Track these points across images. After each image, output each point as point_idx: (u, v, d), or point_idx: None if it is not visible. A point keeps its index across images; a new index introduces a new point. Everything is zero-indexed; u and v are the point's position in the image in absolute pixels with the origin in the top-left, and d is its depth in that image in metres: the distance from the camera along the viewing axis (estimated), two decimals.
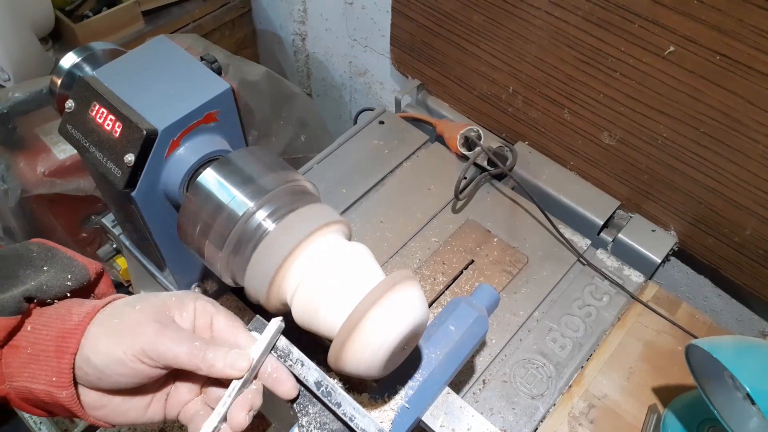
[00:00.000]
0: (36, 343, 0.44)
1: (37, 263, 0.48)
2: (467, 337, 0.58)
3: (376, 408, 0.53)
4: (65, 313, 0.46)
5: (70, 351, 0.44)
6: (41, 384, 0.44)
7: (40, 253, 0.49)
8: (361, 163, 0.96)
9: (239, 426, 0.46)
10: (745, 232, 0.78)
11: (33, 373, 0.44)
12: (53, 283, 0.47)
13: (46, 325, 0.45)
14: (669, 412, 0.69)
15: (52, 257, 0.49)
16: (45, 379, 0.44)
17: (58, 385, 0.44)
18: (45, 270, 0.48)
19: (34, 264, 0.48)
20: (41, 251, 0.49)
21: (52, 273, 0.48)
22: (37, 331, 0.45)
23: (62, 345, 0.44)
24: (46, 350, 0.44)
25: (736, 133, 0.71)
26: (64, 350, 0.44)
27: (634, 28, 0.73)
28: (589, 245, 0.87)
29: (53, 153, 1.12)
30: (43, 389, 0.44)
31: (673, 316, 0.80)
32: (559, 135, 0.92)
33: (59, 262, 0.49)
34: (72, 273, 0.48)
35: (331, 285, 0.47)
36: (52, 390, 0.44)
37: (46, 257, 0.49)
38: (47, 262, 0.48)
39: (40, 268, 0.48)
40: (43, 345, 0.44)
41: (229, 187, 0.50)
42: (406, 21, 1.02)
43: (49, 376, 0.44)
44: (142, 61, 0.60)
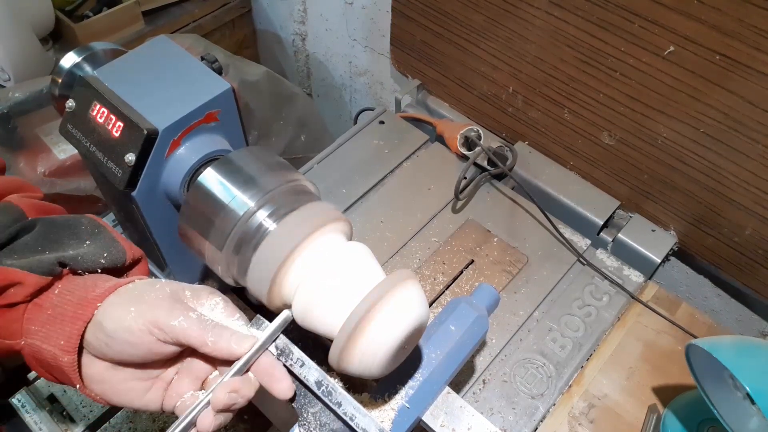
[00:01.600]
0: (57, 306, 0.47)
1: (82, 236, 0.51)
2: (467, 337, 0.58)
3: (377, 408, 0.54)
4: (91, 284, 0.48)
5: (83, 318, 0.45)
6: (50, 346, 0.46)
7: (87, 227, 0.52)
8: (361, 163, 0.96)
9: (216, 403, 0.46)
10: (745, 232, 0.78)
11: (47, 334, 0.46)
12: (89, 256, 0.49)
13: (71, 292, 0.47)
14: (669, 412, 0.69)
15: (98, 233, 0.51)
16: (55, 342, 0.45)
17: (64, 348, 0.45)
18: (87, 243, 0.50)
19: (79, 236, 0.51)
20: (90, 226, 0.52)
21: (91, 247, 0.50)
22: (62, 296, 0.47)
23: (79, 312, 0.46)
24: (64, 314, 0.46)
25: (736, 133, 0.71)
26: (79, 316, 0.45)
27: (634, 28, 0.73)
28: (589, 245, 0.87)
29: (53, 153, 1.12)
30: (51, 351, 0.46)
31: (673, 316, 0.80)
32: (559, 135, 0.92)
33: (102, 239, 0.51)
34: (109, 252, 0.51)
35: (331, 285, 0.47)
36: (57, 353, 0.45)
37: (92, 233, 0.51)
38: (91, 237, 0.51)
39: (83, 241, 0.50)
40: (63, 309, 0.46)
41: (229, 186, 0.50)
42: (406, 21, 1.02)
43: (59, 339, 0.45)
44: (143, 61, 0.60)
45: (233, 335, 0.47)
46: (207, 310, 0.49)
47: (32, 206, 0.53)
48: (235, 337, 0.47)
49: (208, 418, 0.46)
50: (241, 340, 0.47)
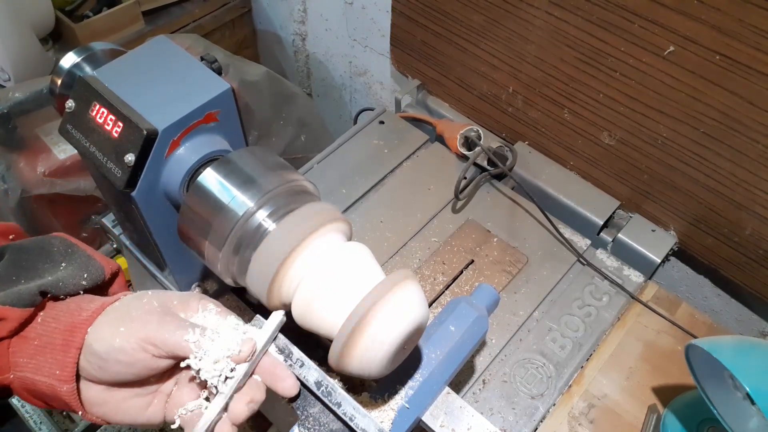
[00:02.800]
0: (44, 336, 0.45)
1: (56, 258, 0.49)
2: (467, 337, 0.58)
3: (376, 408, 0.54)
4: (75, 308, 0.47)
5: (75, 345, 0.44)
6: (44, 376, 0.45)
7: (60, 249, 0.50)
8: (361, 163, 0.96)
9: (238, 417, 0.46)
10: (745, 232, 0.78)
11: (38, 365, 0.45)
12: (69, 280, 0.48)
13: (55, 319, 0.46)
14: (669, 412, 0.69)
15: (72, 254, 0.50)
16: (49, 372, 0.45)
17: (61, 378, 0.44)
18: (63, 266, 0.49)
19: (53, 259, 0.49)
20: (62, 246, 0.50)
21: (69, 270, 0.49)
22: (47, 324, 0.46)
23: (69, 339, 0.45)
24: (53, 343, 0.45)
25: (736, 133, 0.71)
26: (71, 344, 0.45)
27: (634, 28, 0.73)
28: (589, 245, 0.87)
29: (53, 153, 1.12)
30: (46, 382, 0.45)
31: (672, 316, 0.80)
32: (559, 135, 0.92)
33: (78, 259, 0.50)
34: (88, 272, 0.50)
35: (331, 285, 0.47)
36: (54, 383, 0.44)
37: (66, 253, 0.50)
38: (66, 259, 0.50)
39: (58, 264, 0.49)
40: (50, 338, 0.45)
41: (229, 187, 0.50)
42: (406, 21, 1.02)
43: (53, 368, 0.44)
44: (143, 61, 0.60)
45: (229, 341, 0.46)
46: (200, 318, 0.48)
47: None
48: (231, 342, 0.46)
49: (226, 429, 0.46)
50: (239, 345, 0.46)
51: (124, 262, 0.90)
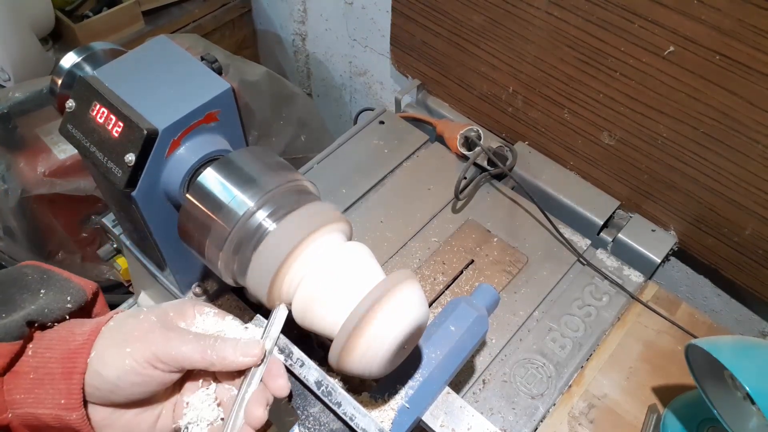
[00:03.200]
0: (40, 367, 0.44)
1: (33, 287, 0.47)
2: (467, 337, 0.58)
3: (377, 408, 0.54)
4: (67, 334, 0.45)
5: (78, 371, 0.43)
6: (48, 408, 0.43)
7: (35, 276, 0.48)
8: (361, 163, 0.96)
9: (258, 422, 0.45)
10: (745, 232, 0.78)
11: (38, 398, 0.43)
12: (53, 306, 0.46)
13: (49, 348, 0.44)
14: (669, 412, 0.69)
15: (48, 279, 0.48)
16: (52, 403, 0.43)
17: (68, 407, 0.43)
18: (42, 294, 0.47)
19: (30, 288, 0.47)
20: (36, 274, 0.48)
21: (50, 296, 0.47)
22: (40, 355, 0.44)
23: (69, 366, 0.43)
24: (52, 373, 0.43)
25: (736, 133, 0.71)
26: (72, 371, 0.43)
27: (634, 28, 0.73)
28: (589, 245, 0.87)
29: (53, 153, 1.12)
30: (51, 413, 0.43)
31: (672, 316, 0.80)
32: (559, 135, 0.92)
33: (56, 284, 0.48)
34: (71, 294, 0.48)
35: (331, 285, 0.47)
36: (61, 413, 0.43)
37: (42, 280, 0.48)
38: (44, 285, 0.48)
39: (37, 292, 0.47)
40: (47, 368, 0.43)
41: (229, 186, 0.50)
42: (406, 21, 1.02)
43: (56, 399, 0.43)
44: (143, 61, 0.60)
45: (238, 346, 0.46)
46: (199, 324, 0.48)
47: None
48: (239, 347, 0.46)
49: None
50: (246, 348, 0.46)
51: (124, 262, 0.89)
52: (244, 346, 0.46)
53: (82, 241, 1.25)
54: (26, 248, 1.15)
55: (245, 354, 0.46)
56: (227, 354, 0.45)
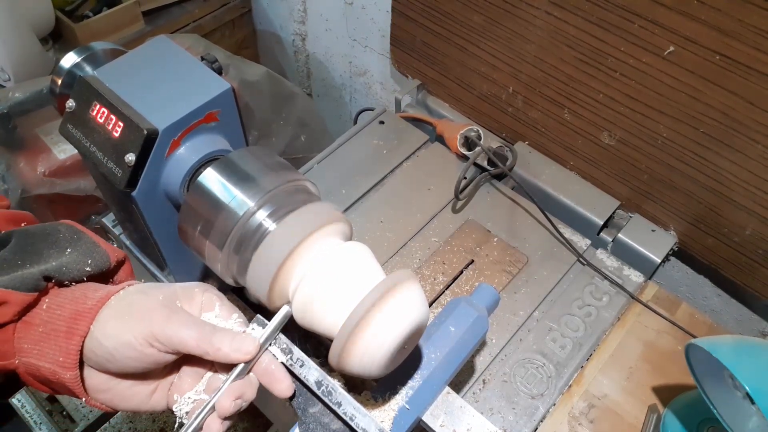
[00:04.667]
0: (48, 322, 0.45)
1: (62, 244, 0.49)
2: (467, 337, 0.58)
3: (377, 408, 0.54)
4: (80, 296, 0.47)
5: (79, 333, 0.45)
6: (48, 362, 0.45)
7: (66, 234, 0.50)
8: (361, 163, 0.96)
9: (223, 411, 0.45)
10: (745, 232, 0.78)
11: (42, 351, 0.45)
12: (73, 265, 0.48)
13: (60, 306, 0.46)
14: (669, 412, 0.69)
15: (77, 240, 0.50)
16: (52, 358, 0.45)
17: (64, 365, 0.45)
18: (68, 252, 0.48)
19: (59, 244, 0.49)
20: (68, 233, 0.50)
21: (74, 255, 0.48)
22: (51, 311, 0.46)
23: (73, 326, 0.45)
24: (57, 330, 0.45)
25: (736, 133, 0.71)
26: (75, 331, 0.45)
27: (634, 28, 0.73)
28: (589, 245, 0.87)
29: (53, 153, 1.12)
30: (50, 368, 0.45)
31: (672, 316, 0.80)
32: (559, 135, 0.92)
33: (83, 245, 0.49)
34: (93, 258, 0.49)
35: (331, 284, 0.47)
36: (58, 370, 0.45)
37: (71, 239, 0.49)
38: (71, 244, 0.49)
39: (63, 249, 0.48)
40: (55, 324, 0.45)
41: (229, 186, 0.50)
42: (406, 21, 1.02)
43: (56, 355, 0.45)
44: (143, 61, 0.60)
45: (234, 339, 0.46)
46: (206, 311, 0.49)
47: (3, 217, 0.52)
48: (236, 341, 0.46)
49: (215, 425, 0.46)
50: (241, 343, 0.46)
51: None
52: (240, 341, 0.46)
53: None
54: None
55: (238, 350, 0.46)
56: (222, 346, 0.46)
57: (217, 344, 0.45)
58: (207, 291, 0.50)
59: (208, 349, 0.45)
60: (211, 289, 0.50)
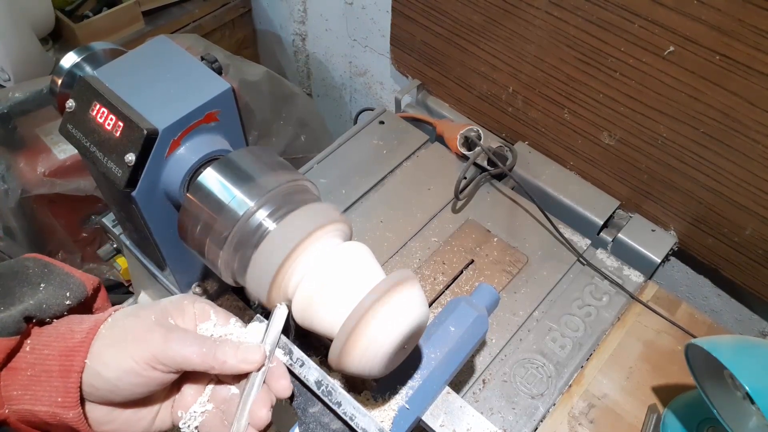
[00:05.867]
0: (37, 364, 0.43)
1: (33, 280, 0.47)
2: (467, 336, 0.58)
3: (377, 407, 0.54)
4: (66, 331, 0.45)
5: (75, 369, 0.43)
6: (45, 405, 0.43)
7: (36, 270, 0.47)
8: (361, 163, 0.96)
9: (262, 422, 0.45)
10: (745, 232, 0.78)
11: (36, 395, 0.43)
12: (52, 301, 0.46)
13: (47, 345, 0.44)
14: (669, 411, 0.69)
15: (49, 273, 0.48)
16: (49, 401, 0.43)
17: (65, 405, 0.43)
18: (42, 288, 0.46)
19: (30, 281, 0.46)
20: (37, 267, 0.48)
21: (50, 291, 0.46)
22: (38, 351, 0.44)
23: (66, 364, 0.43)
24: (49, 371, 0.43)
25: (736, 133, 0.71)
26: (69, 369, 0.43)
27: (634, 28, 0.73)
28: (589, 245, 0.87)
29: (53, 153, 1.12)
30: (47, 410, 0.43)
31: (672, 316, 0.80)
32: (559, 135, 0.92)
33: (56, 278, 0.47)
34: (70, 290, 0.47)
35: (331, 284, 0.47)
36: (58, 411, 0.43)
37: (43, 274, 0.47)
38: (44, 279, 0.47)
39: (37, 286, 0.46)
40: (45, 365, 0.43)
41: (229, 186, 0.50)
42: (406, 21, 1.02)
43: (53, 396, 0.43)
44: (143, 60, 0.60)
45: (239, 350, 0.46)
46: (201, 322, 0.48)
47: None
48: (241, 351, 0.46)
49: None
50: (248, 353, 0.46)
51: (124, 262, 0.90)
52: (244, 351, 0.46)
53: (82, 241, 1.25)
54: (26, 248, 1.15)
55: (245, 360, 0.45)
56: (227, 358, 0.45)
57: (222, 357, 0.45)
58: (197, 301, 0.49)
59: (213, 364, 0.45)
60: (199, 299, 0.49)
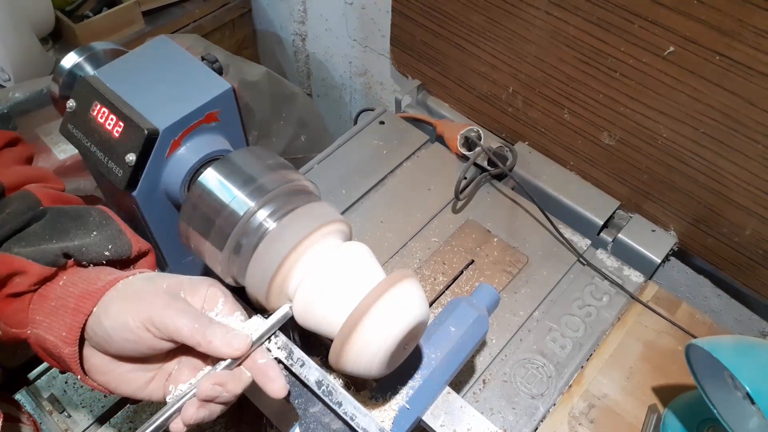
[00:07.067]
0: (60, 298, 0.47)
1: (89, 226, 0.51)
2: (467, 337, 0.58)
3: (377, 407, 0.54)
4: (93, 277, 0.48)
5: (84, 311, 0.46)
6: (53, 336, 0.46)
7: (96, 218, 0.52)
8: (361, 163, 0.96)
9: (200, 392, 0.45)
10: (745, 232, 0.78)
11: (50, 325, 0.47)
12: (93, 248, 0.50)
13: (74, 284, 0.48)
14: (669, 412, 0.69)
15: (105, 225, 0.52)
16: (56, 333, 0.46)
17: (65, 340, 0.46)
18: (93, 234, 0.51)
19: (87, 226, 0.51)
20: (98, 217, 0.52)
21: (97, 238, 0.50)
22: (65, 288, 0.48)
23: (80, 305, 0.46)
24: (66, 306, 0.47)
25: (736, 133, 0.71)
26: (80, 310, 0.46)
27: (634, 28, 0.73)
28: (589, 245, 0.87)
29: (53, 153, 1.12)
30: (53, 341, 0.46)
31: (672, 316, 0.80)
32: (559, 135, 0.92)
33: (108, 231, 0.51)
34: (114, 244, 0.51)
35: (331, 284, 0.47)
36: (60, 344, 0.46)
37: (99, 224, 0.52)
38: (98, 228, 0.51)
39: (89, 231, 0.51)
40: (65, 300, 0.47)
41: (229, 186, 0.50)
42: (406, 21, 1.02)
43: (61, 330, 0.46)
44: (143, 61, 0.60)
45: (227, 334, 0.46)
46: (208, 305, 0.49)
47: (50, 196, 0.53)
48: (229, 335, 0.46)
49: (191, 408, 0.46)
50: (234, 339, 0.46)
51: None
52: (232, 336, 0.46)
53: None
54: None
55: (229, 344, 0.46)
56: (214, 339, 0.46)
57: (210, 336, 0.46)
58: (213, 286, 0.50)
59: (200, 340, 0.45)
60: (217, 284, 0.50)
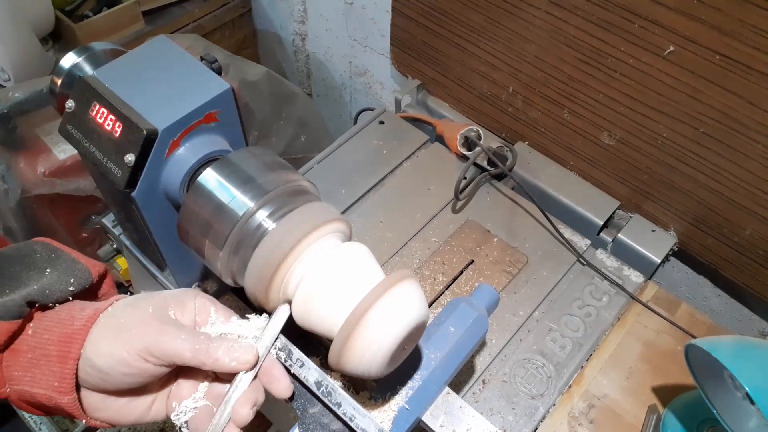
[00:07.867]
0: (37, 348, 0.44)
1: (40, 265, 0.47)
2: (467, 337, 0.58)
3: (376, 408, 0.54)
4: (66, 317, 0.45)
5: (72, 356, 0.44)
6: (42, 389, 0.44)
7: (43, 254, 0.48)
8: (361, 163, 0.96)
9: (242, 420, 0.45)
10: (745, 232, 0.78)
11: (34, 378, 0.44)
12: (56, 287, 0.47)
13: (47, 330, 0.45)
14: (669, 412, 0.69)
15: (56, 259, 0.48)
16: (46, 384, 0.44)
17: (60, 390, 0.44)
18: (48, 273, 0.47)
19: (37, 265, 0.47)
20: (45, 252, 0.49)
21: (54, 276, 0.47)
22: (39, 336, 0.45)
23: (64, 350, 0.44)
24: (48, 355, 0.44)
25: (736, 133, 0.71)
26: (67, 355, 0.44)
27: (634, 28, 0.73)
28: (588, 245, 0.87)
29: (53, 153, 1.12)
30: (45, 393, 0.44)
31: (672, 317, 0.80)
32: (559, 135, 0.92)
33: (62, 264, 0.48)
34: (75, 276, 0.48)
35: (330, 285, 0.47)
36: (54, 395, 0.44)
37: (50, 259, 0.48)
38: (50, 264, 0.48)
39: (43, 271, 0.47)
40: (44, 350, 0.44)
41: (229, 187, 0.50)
42: (406, 21, 1.02)
43: (50, 381, 0.44)
44: (143, 61, 0.60)
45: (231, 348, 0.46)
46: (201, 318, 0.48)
47: None
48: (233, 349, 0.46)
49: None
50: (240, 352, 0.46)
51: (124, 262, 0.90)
52: (237, 351, 0.46)
53: (82, 241, 1.25)
54: None
55: (237, 360, 0.45)
56: (219, 356, 0.45)
57: (214, 355, 0.45)
58: (199, 296, 0.49)
59: (204, 360, 0.45)
60: (201, 293, 0.50)
